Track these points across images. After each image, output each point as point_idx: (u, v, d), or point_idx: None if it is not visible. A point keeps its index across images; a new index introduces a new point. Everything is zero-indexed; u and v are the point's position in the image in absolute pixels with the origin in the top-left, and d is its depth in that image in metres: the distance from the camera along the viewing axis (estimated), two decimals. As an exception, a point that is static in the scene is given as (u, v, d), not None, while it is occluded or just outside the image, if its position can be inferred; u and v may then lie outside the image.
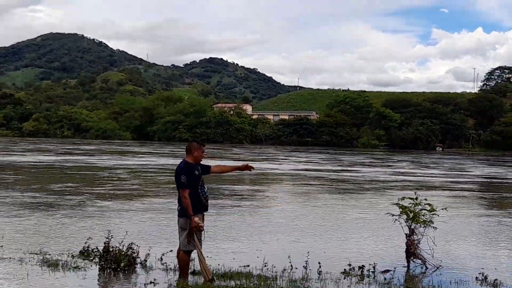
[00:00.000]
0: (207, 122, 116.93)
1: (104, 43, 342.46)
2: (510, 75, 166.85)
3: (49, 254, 9.44)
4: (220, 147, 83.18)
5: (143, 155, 51.37)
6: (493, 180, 34.25)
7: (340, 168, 40.61)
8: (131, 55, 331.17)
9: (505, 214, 17.71)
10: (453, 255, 10.74)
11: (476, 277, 8.76)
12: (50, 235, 11.61)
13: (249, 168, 8.47)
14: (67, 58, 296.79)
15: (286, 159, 53.77)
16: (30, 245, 10.24)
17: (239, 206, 17.38)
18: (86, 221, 13.40)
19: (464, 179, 33.40)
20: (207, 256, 8.60)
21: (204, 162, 8.23)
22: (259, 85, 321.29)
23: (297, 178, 30.68)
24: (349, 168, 40.45)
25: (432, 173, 38.23)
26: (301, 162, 48.48)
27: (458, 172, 40.75)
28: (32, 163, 35.49)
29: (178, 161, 8.31)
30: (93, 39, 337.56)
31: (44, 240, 10.91)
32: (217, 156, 51.71)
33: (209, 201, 8.20)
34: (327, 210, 17.39)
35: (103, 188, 21.70)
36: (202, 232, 7.98)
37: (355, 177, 31.69)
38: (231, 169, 8.85)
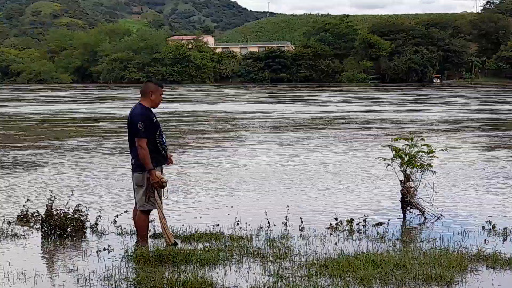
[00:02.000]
0: (161, 59, 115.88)
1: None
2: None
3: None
4: (198, 87, 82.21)
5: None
6: None
7: (402, 108, 41.39)
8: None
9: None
10: (456, 203, 10.89)
11: (483, 227, 8.88)
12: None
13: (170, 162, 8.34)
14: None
15: (315, 99, 54.61)
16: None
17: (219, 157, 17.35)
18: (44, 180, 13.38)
19: None
20: (169, 216, 8.61)
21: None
22: (222, 12, 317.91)
23: (358, 120, 30.91)
24: (414, 108, 41.41)
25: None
26: (339, 102, 49.53)
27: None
28: (41, 114, 36.63)
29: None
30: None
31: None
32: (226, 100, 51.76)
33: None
34: (356, 156, 17.36)
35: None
36: (165, 189, 7.90)
37: (424, 118, 32.47)
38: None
